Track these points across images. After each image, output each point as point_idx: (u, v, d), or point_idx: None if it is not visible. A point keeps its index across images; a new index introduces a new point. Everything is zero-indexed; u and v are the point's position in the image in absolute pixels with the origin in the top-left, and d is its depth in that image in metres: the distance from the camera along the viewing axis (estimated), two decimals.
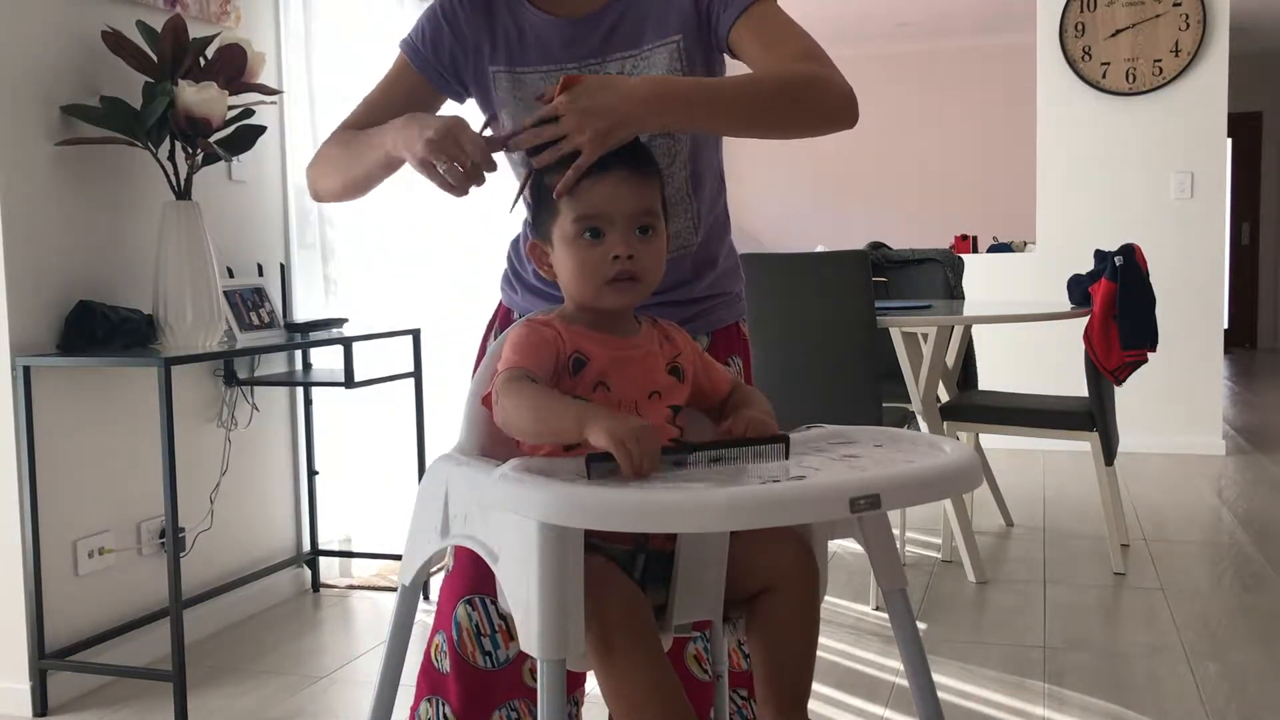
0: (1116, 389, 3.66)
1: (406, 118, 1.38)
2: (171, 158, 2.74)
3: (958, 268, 4.28)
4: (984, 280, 5.56)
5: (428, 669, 1.62)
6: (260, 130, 2.92)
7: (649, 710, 1.15)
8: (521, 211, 1.68)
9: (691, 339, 1.37)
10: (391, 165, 1.45)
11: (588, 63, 1.48)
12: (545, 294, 1.59)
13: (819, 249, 3.71)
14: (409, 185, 3.71)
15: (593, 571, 1.16)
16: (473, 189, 1.35)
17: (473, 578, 1.57)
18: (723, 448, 1.13)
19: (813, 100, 1.38)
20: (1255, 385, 8.04)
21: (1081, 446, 4.00)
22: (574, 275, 1.27)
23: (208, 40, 2.76)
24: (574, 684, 1.66)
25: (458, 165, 1.31)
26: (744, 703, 1.65)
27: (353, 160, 1.48)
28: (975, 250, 6.68)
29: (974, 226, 7.96)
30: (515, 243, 1.69)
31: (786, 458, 1.08)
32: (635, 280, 1.26)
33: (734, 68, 1.49)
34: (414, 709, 1.62)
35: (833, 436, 1.26)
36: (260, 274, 3.24)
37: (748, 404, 1.32)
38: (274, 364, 3.33)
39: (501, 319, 1.68)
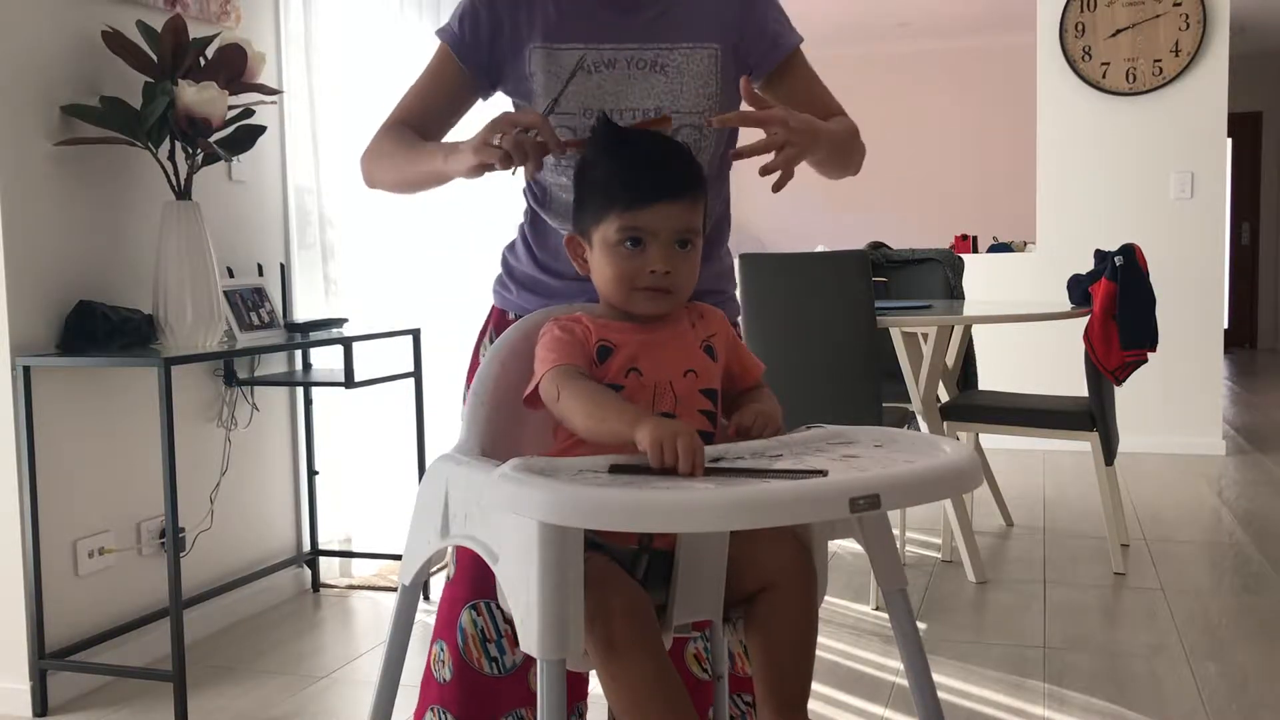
0: (1116, 389, 3.66)
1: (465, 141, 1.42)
2: (171, 158, 2.74)
3: (958, 268, 4.28)
4: (984, 280, 5.56)
5: (428, 680, 1.61)
6: (260, 130, 2.92)
7: (651, 709, 1.15)
8: (515, 216, 1.69)
9: (727, 320, 1.38)
10: (441, 180, 1.50)
11: (625, 47, 1.52)
12: (543, 289, 1.59)
13: (819, 249, 3.71)
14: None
15: (595, 571, 1.16)
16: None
17: (477, 583, 1.56)
18: (759, 474, 1.09)
19: (859, 153, 1.65)
20: (1255, 385, 8.04)
21: (1081, 446, 4.00)
22: (610, 280, 1.29)
23: (208, 40, 2.76)
24: (577, 694, 1.66)
25: (507, 138, 1.33)
26: (748, 708, 1.64)
27: (406, 164, 1.54)
28: (975, 250, 6.67)
29: (974, 226, 7.95)
30: (511, 246, 1.69)
31: None
32: (669, 292, 1.28)
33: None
34: (418, 717, 1.62)
35: (833, 436, 1.26)
36: (260, 274, 3.24)
37: (758, 400, 1.33)
38: (274, 364, 3.33)
39: (496, 322, 1.67)
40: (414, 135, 1.56)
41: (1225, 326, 5.64)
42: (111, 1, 2.77)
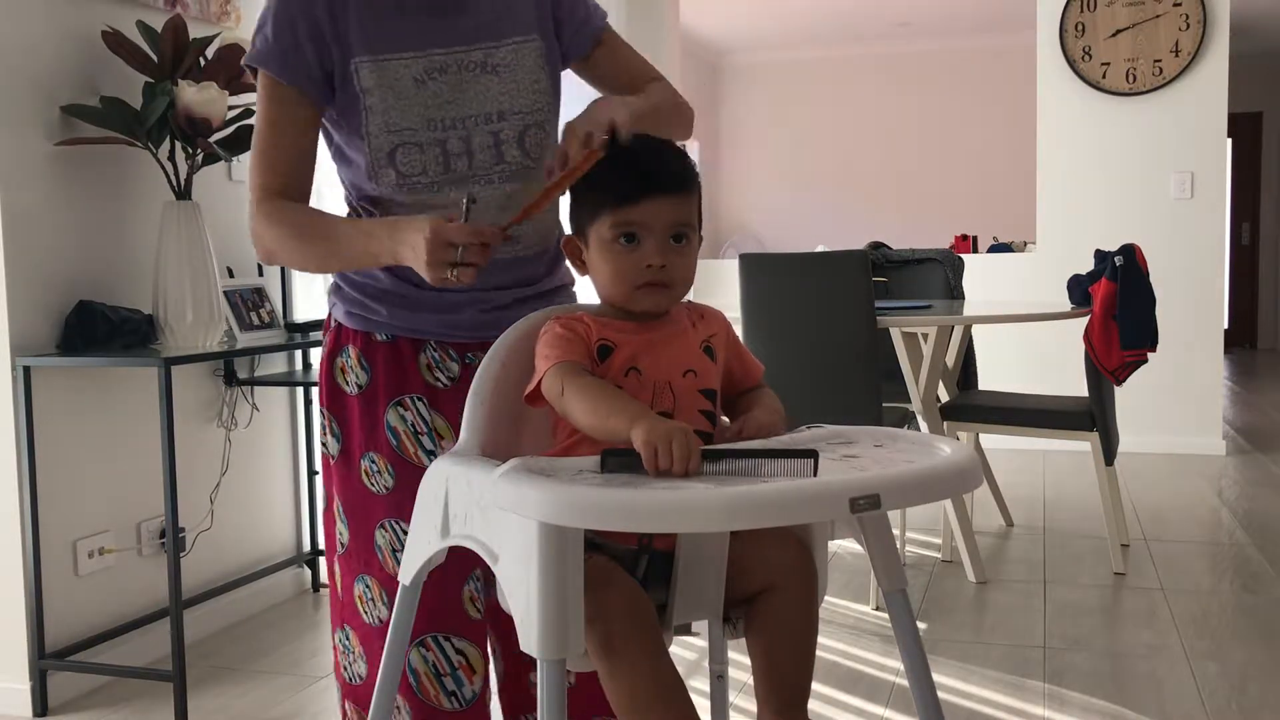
0: (1116, 389, 3.66)
1: (388, 228, 1.37)
2: (171, 158, 2.74)
3: (958, 268, 4.28)
4: (984, 280, 5.56)
5: None
6: None
7: (652, 709, 1.15)
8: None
9: (727, 321, 1.38)
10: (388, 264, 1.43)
11: (453, 50, 1.46)
12: (426, 303, 1.51)
13: (819, 249, 3.71)
14: None
15: (595, 571, 1.16)
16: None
17: (421, 620, 1.47)
18: (750, 457, 1.10)
19: (683, 120, 1.60)
20: (1255, 385, 8.04)
21: (1081, 446, 4.00)
22: (607, 278, 1.29)
23: (208, 40, 2.76)
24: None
25: (462, 270, 1.31)
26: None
27: (330, 255, 1.46)
28: (975, 250, 6.68)
29: (974, 226, 7.96)
30: None
31: (815, 474, 1.05)
32: (666, 286, 1.28)
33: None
34: None
35: (833, 436, 1.26)
36: (260, 274, 3.24)
37: (758, 404, 1.32)
38: (274, 364, 3.33)
39: (362, 346, 1.55)
40: (314, 215, 1.47)
41: (1225, 326, 5.64)
42: (111, 1, 2.77)
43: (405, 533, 1.49)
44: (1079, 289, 3.58)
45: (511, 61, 1.48)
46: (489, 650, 1.61)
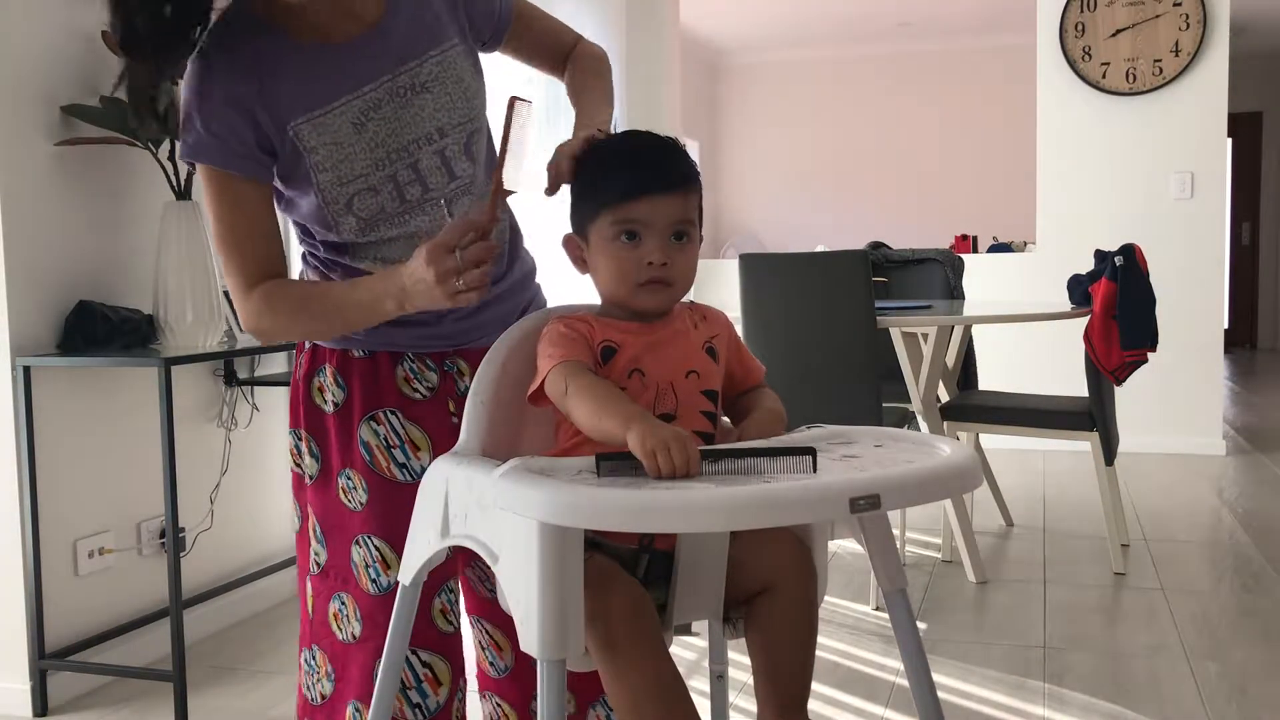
0: (1116, 389, 3.66)
1: (387, 282, 1.34)
2: (171, 158, 2.75)
3: (958, 268, 4.28)
4: (984, 280, 5.56)
5: None
6: None
7: (654, 708, 1.15)
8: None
9: (729, 322, 1.38)
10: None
11: (380, 81, 1.43)
12: (403, 318, 1.48)
13: (819, 249, 3.71)
14: None
15: (596, 570, 1.16)
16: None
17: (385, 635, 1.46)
18: (748, 456, 1.09)
19: (610, 74, 1.65)
20: (1255, 385, 8.04)
21: (1081, 446, 4.00)
22: (609, 275, 1.29)
23: None
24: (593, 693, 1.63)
25: (469, 274, 1.27)
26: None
27: (338, 327, 1.44)
28: (975, 250, 6.68)
29: (974, 226, 7.96)
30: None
31: (814, 470, 1.05)
32: (668, 284, 1.28)
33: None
34: None
35: (833, 436, 1.26)
36: None
37: (759, 405, 1.32)
38: (274, 364, 3.33)
39: (338, 363, 1.53)
40: (311, 291, 1.45)
41: (1225, 326, 5.64)
42: None
43: (378, 548, 1.49)
44: (1079, 289, 3.58)
45: (439, 74, 1.46)
46: (492, 646, 1.61)
